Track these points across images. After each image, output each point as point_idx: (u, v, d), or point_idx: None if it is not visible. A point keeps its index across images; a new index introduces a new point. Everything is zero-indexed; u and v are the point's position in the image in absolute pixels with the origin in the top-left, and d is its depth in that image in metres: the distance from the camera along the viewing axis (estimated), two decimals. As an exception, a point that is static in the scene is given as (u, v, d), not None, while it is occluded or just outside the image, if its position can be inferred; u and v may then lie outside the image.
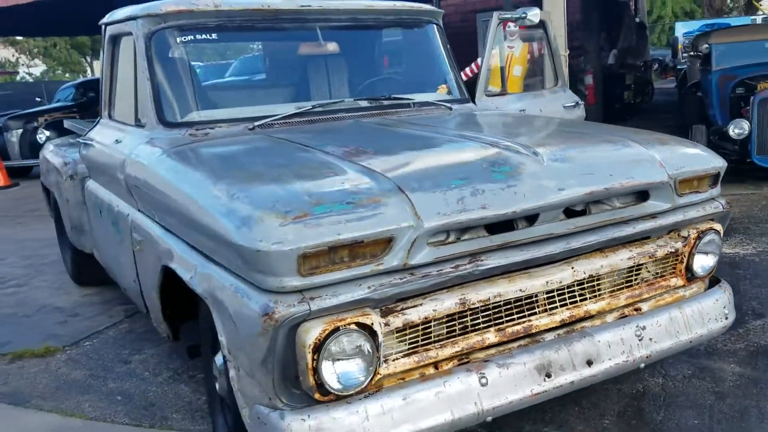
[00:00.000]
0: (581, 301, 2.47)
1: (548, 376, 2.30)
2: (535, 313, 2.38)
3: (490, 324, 2.30)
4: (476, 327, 2.27)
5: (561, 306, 2.42)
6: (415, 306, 2.13)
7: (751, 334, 3.54)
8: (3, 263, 6.12)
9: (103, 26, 3.70)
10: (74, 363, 3.78)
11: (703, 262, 2.69)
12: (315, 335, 1.94)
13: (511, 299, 2.30)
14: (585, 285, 2.46)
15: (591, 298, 2.49)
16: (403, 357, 2.17)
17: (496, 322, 2.31)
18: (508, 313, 2.33)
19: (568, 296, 2.43)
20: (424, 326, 2.18)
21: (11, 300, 5.01)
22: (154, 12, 3.12)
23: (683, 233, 2.62)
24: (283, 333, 1.93)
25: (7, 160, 11.58)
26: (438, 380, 2.16)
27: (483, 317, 2.28)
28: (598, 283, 2.50)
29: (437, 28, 3.82)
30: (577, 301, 2.46)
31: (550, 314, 2.40)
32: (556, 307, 2.42)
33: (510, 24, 5.08)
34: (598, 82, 10.77)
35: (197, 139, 2.96)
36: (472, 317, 2.26)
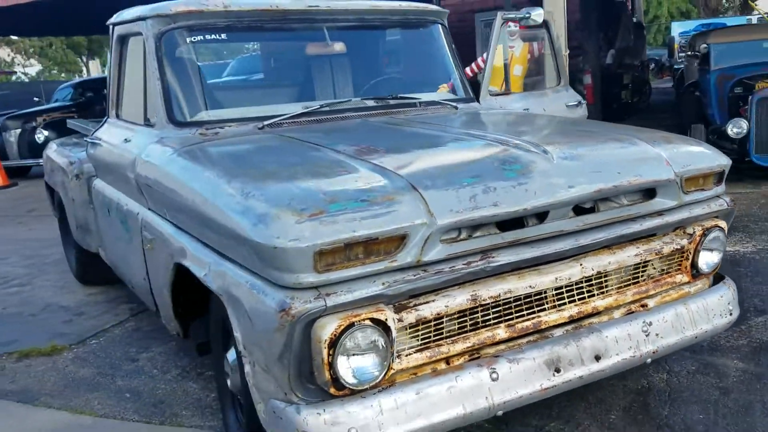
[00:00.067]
0: (589, 297, 2.50)
1: (557, 371, 2.33)
2: (544, 309, 2.41)
3: (501, 320, 2.33)
4: (487, 323, 2.31)
5: (569, 302, 2.45)
6: (427, 302, 2.16)
7: (753, 330, 3.58)
8: (5, 263, 6.13)
9: (110, 26, 3.71)
10: (81, 361, 3.80)
11: (708, 259, 2.73)
12: (330, 331, 1.96)
13: (521, 295, 2.33)
14: (593, 281, 2.49)
15: (598, 294, 2.52)
16: (415, 352, 2.20)
17: (506, 318, 2.34)
18: (517, 309, 2.36)
19: (576, 292, 2.46)
20: (436, 322, 2.21)
21: (15, 299, 5.02)
22: (164, 12, 3.14)
23: (689, 230, 2.66)
24: (300, 329, 1.96)
25: (6, 160, 11.58)
26: (450, 375, 2.19)
27: (493, 313, 2.31)
28: (605, 279, 2.53)
29: (442, 28, 3.85)
30: (585, 298, 2.49)
31: (559, 310, 2.44)
32: (565, 304, 2.45)
33: (510, 24, 5.11)
34: (596, 81, 10.82)
35: (207, 138, 2.99)
36: (482, 313, 2.29)
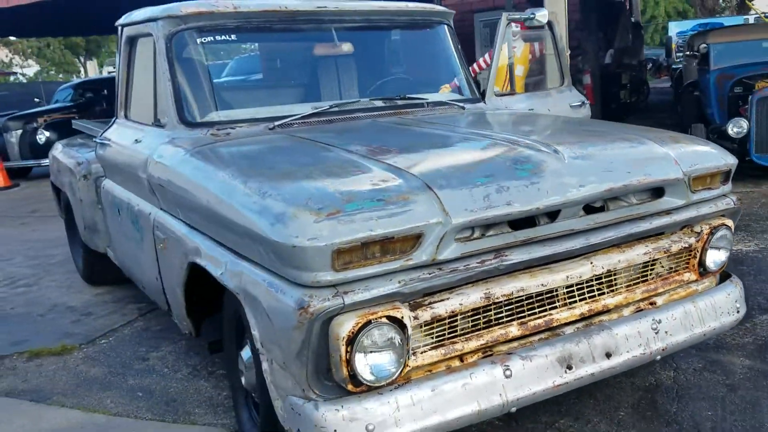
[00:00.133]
0: (599, 295, 2.53)
1: (569, 368, 2.37)
2: (555, 307, 2.44)
3: (513, 318, 2.36)
4: (500, 320, 2.34)
5: (580, 300, 2.49)
6: (442, 300, 2.19)
7: (758, 328, 3.62)
8: (10, 263, 6.15)
9: (119, 27, 3.74)
10: (92, 361, 3.82)
11: (715, 257, 2.77)
12: (348, 328, 2.00)
13: (533, 293, 2.36)
14: (603, 280, 2.53)
15: (608, 292, 2.56)
16: (430, 350, 2.23)
17: (519, 315, 2.37)
18: (529, 307, 2.39)
19: (587, 291, 2.50)
20: (450, 320, 2.24)
21: (23, 299, 5.04)
22: (174, 14, 3.17)
23: (696, 229, 2.69)
24: (318, 326, 1.99)
25: (7, 161, 11.60)
26: (464, 372, 2.22)
27: (506, 311, 2.34)
28: (615, 277, 2.57)
29: (448, 29, 3.88)
30: (596, 296, 2.52)
31: (570, 308, 2.47)
32: (576, 302, 2.48)
33: (512, 24, 5.14)
34: (595, 81, 10.86)
35: (219, 138, 3.01)
36: (495, 311, 2.32)
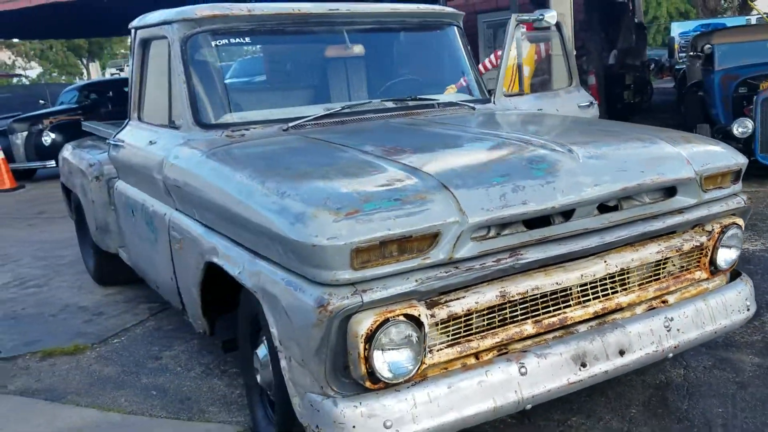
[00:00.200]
0: (613, 293, 2.56)
1: (583, 365, 2.39)
2: (569, 305, 2.47)
3: (528, 316, 2.39)
4: (515, 318, 2.37)
5: (594, 298, 2.52)
6: (458, 298, 2.22)
7: (766, 326, 3.64)
8: (20, 264, 6.18)
9: (133, 30, 3.77)
10: (105, 360, 3.85)
11: (726, 256, 2.79)
12: (367, 326, 2.03)
13: (548, 292, 2.39)
14: (616, 278, 2.55)
15: (621, 290, 2.58)
16: (446, 347, 2.26)
17: (533, 314, 2.40)
18: (544, 306, 2.42)
19: (600, 289, 2.52)
20: (466, 318, 2.27)
21: (34, 300, 5.07)
22: (189, 17, 3.20)
23: (707, 228, 2.72)
24: (337, 324, 2.02)
25: (12, 163, 11.64)
26: (480, 370, 2.25)
27: (521, 309, 2.37)
28: (628, 276, 2.59)
29: (458, 30, 3.91)
30: (609, 294, 2.55)
31: (584, 306, 2.50)
32: (589, 300, 2.51)
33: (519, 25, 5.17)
34: (600, 82, 10.89)
35: (234, 140, 3.04)
36: (510, 309, 2.35)
